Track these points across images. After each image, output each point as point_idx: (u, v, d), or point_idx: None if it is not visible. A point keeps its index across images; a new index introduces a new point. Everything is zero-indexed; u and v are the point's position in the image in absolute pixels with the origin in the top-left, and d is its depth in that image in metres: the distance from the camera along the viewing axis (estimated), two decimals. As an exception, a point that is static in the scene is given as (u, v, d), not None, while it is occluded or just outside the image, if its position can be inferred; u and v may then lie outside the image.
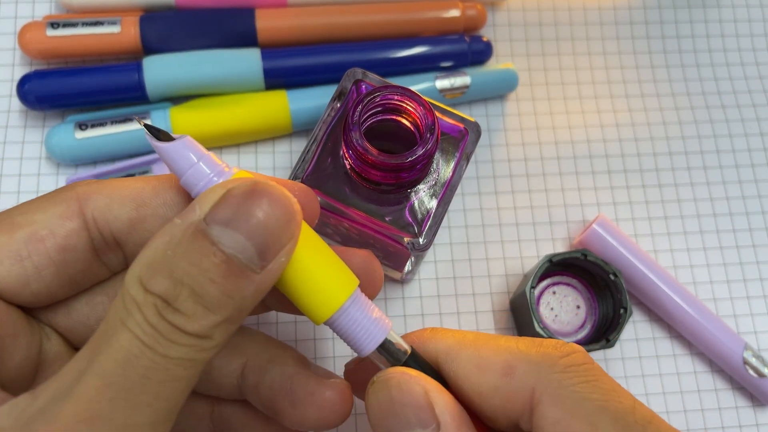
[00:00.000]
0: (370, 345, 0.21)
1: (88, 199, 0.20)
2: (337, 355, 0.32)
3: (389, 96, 0.25)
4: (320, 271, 0.20)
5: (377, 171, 0.25)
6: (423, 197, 0.27)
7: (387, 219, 0.26)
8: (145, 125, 0.19)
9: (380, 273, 0.23)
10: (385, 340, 0.21)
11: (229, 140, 0.34)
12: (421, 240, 0.26)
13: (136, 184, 0.20)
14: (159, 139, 0.19)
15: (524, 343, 0.20)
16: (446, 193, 0.27)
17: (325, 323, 0.21)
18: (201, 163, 0.19)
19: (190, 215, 0.17)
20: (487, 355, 0.20)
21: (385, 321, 0.21)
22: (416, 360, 0.21)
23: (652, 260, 0.33)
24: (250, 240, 0.17)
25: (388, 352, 0.21)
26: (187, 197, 0.20)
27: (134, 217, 0.20)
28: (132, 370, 0.16)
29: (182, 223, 0.17)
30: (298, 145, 0.35)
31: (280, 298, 0.23)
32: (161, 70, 0.33)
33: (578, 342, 0.32)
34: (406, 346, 0.21)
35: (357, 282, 0.21)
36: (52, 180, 0.33)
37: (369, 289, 0.22)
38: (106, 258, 0.21)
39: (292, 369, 0.23)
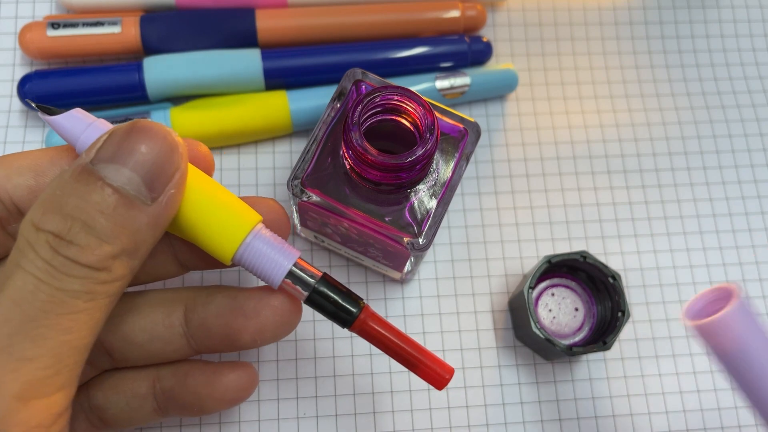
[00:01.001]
0: (278, 274, 0.21)
1: None
2: (337, 356, 0.32)
3: (389, 96, 0.25)
4: (219, 210, 0.21)
5: (377, 171, 0.25)
6: (423, 197, 0.27)
7: (387, 219, 0.26)
8: (37, 105, 0.20)
9: (286, 217, 0.24)
10: (294, 268, 0.22)
11: (229, 140, 0.34)
12: (420, 240, 0.26)
13: (34, 155, 0.22)
14: (51, 114, 0.20)
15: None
16: (446, 193, 0.27)
17: (234, 261, 0.21)
18: (91, 128, 0.20)
19: (77, 161, 0.19)
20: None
21: (291, 250, 0.22)
22: (328, 285, 0.22)
23: None
24: (135, 172, 0.18)
25: (299, 280, 0.22)
26: None
27: (33, 185, 0.21)
28: (28, 306, 0.17)
29: (70, 168, 0.18)
30: (298, 145, 0.35)
31: (195, 253, 0.24)
32: (162, 71, 0.33)
33: (575, 344, 0.32)
34: (317, 272, 0.22)
35: (259, 218, 0.22)
36: (53, 180, 0.33)
37: (278, 232, 0.23)
38: (11, 228, 0.22)
39: (233, 291, 0.24)
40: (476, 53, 0.36)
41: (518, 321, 0.32)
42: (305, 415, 0.31)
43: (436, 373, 0.23)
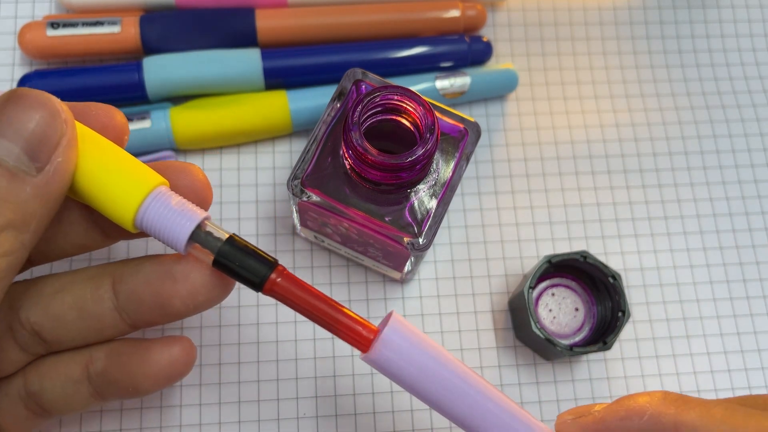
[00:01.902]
0: (181, 237, 0.20)
1: None
2: (337, 355, 0.32)
3: (389, 96, 0.25)
4: (117, 173, 0.20)
5: (377, 171, 0.25)
6: (423, 197, 0.27)
7: (387, 219, 0.26)
8: None
9: (207, 185, 0.23)
10: (199, 230, 0.20)
11: (229, 140, 0.34)
12: (420, 240, 0.26)
13: None
14: None
15: None
16: (446, 193, 0.27)
17: (136, 226, 0.20)
18: None
19: None
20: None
21: (197, 210, 0.21)
22: (235, 246, 0.21)
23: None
24: (14, 142, 0.18)
25: (206, 243, 0.20)
26: None
27: None
28: None
29: None
30: (298, 145, 0.35)
31: (102, 225, 0.23)
32: (161, 70, 0.33)
33: (575, 344, 0.32)
34: (225, 233, 0.21)
35: (161, 180, 0.21)
36: (52, 180, 0.33)
37: (199, 197, 0.22)
38: None
39: (160, 257, 0.23)
40: (476, 53, 0.36)
41: (518, 321, 0.32)
42: (305, 415, 0.31)
43: (358, 335, 0.21)
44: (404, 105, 0.26)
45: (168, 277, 0.22)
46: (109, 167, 0.20)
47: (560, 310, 0.32)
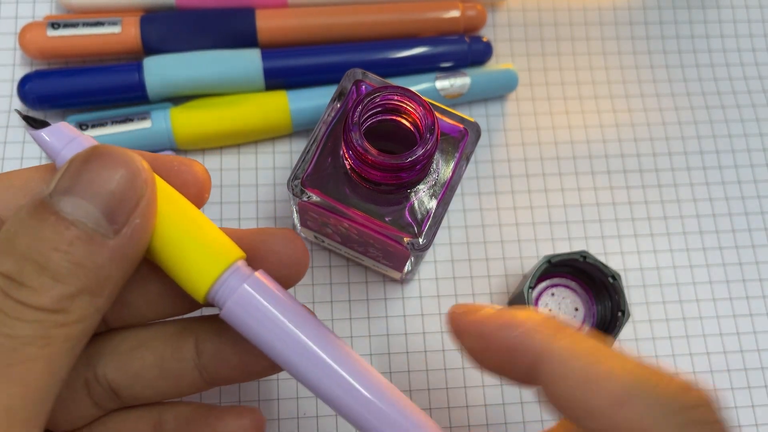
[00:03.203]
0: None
1: None
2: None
3: (389, 96, 0.25)
4: (193, 241, 0.19)
5: (377, 171, 0.25)
6: (423, 197, 0.27)
7: (387, 219, 0.26)
8: (22, 115, 0.19)
9: (304, 254, 0.21)
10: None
11: (229, 140, 0.34)
12: (420, 240, 0.26)
13: (26, 173, 0.20)
14: (35, 127, 0.19)
15: (646, 372, 0.17)
16: (446, 193, 0.27)
17: (209, 300, 0.19)
18: (72, 144, 0.18)
19: (35, 195, 0.17)
20: (602, 373, 0.17)
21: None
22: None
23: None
24: (93, 203, 0.17)
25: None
26: None
27: (22, 203, 0.20)
28: None
29: (28, 202, 0.17)
30: (298, 145, 0.35)
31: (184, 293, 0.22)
32: (162, 71, 0.33)
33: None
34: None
35: (240, 254, 0.20)
36: (53, 180, 0.33)
37: (291, 271, 0.21)
38: None
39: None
40: (476, 53, 0.36)
41: (518, 321, 0.32)
42: (305, 415, 0.31)
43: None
44: (404, 105, 0.26)
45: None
46: (185, 234, 0.19)
47: (560, 310, 0.32)
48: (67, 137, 0.19)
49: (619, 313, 0.30)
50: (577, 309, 0.32)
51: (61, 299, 0.16)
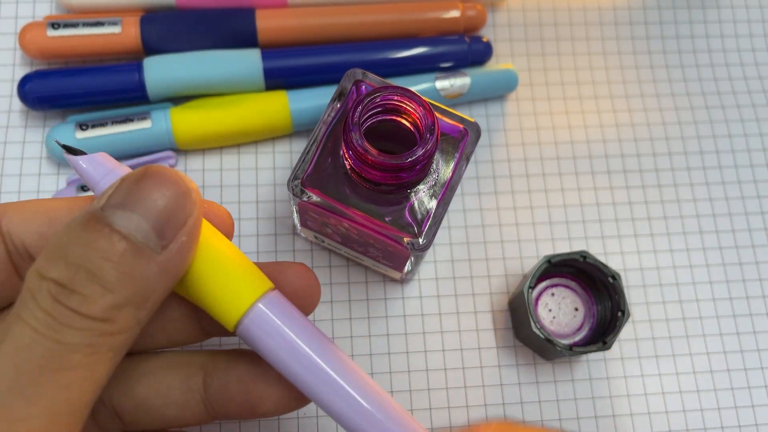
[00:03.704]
0: None
1: (4, 214, 0.20)
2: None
3: (389, 96, 0.25)
4: (227, 270, 0.20)
5: (377, 171, 0.25)
6: (423, 197, 0.27)
7: (387, 219, 0.26)
8: (62, 145, 0.20)
9: (315, 289, 0.22)
10: None
11: (229, 140, 0.34)
12: (420, 240, 0.26)
13: (51, 203, 0.21)
14: (74, 154, 0.20)
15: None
16: (446, 193, 0.27)
17: (238, 330, 0.20)
18: (112, 175, 0.20)
19: (87, 208, 0.18)
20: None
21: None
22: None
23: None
24: (145, 218, 0.17)
25: None
26: None
27: (45, 231, 0.20)
28: (23, 361, 0.16)
29: (80, 215, 0.18)
30: (298, 145, 0.35)
31: (202, 322, 0.23)
32: (162, 71, 0.33)
33: (576, 344, 0.32)
34: None
35: (270, 285, 0.21)
36: (53, 180, 0.33)
37: (305, 303, 0.22)
38: (22, 272, 0.21)
39: (252, 358, 0.22)
40: (476, 53, 0.36)
41: (518, 321, 0.32)
42: (305, 415, 0.31)
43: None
44: (404, 105, 0.26)
45: (263, 379, 0.22)
46: (220, 263, 0.20)
47: (560, 310, 0.32)
48: (105, 167, 0.20)
49: (619, 313, 0.30)
50: (577, 309, 0.32)
51: (110, 309, 0.17)
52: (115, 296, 0.17)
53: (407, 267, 0.30)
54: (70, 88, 0.33)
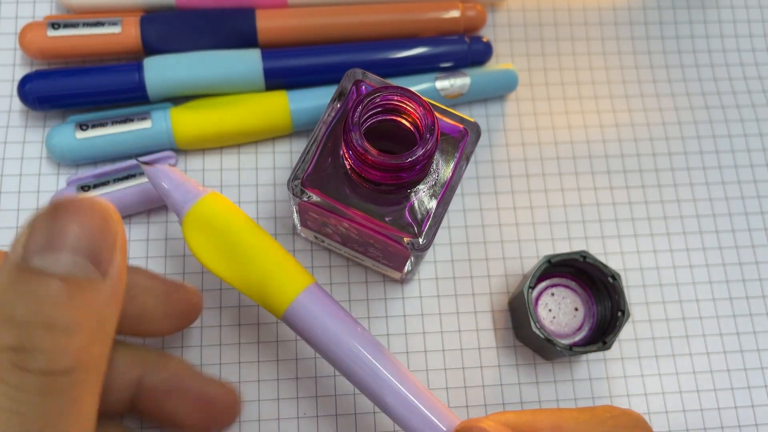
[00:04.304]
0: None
1: None
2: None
3: (389, 96, 0.25)
4: (282, 267, 0.25)
5: (377, 171, 0.25)
6: (423, 197, 0.27)
7: (387, 219, 0.26)
8: (138, 160, 0.23)
9: (233, 411, 0.26)
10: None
11: (230, 140, 0.34)
12: (420, 240, 0.26)
13: None
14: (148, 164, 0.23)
15: (577, 410, 0.22)
16: (446, 193, 0.27)
17: (285, 316, 0.25)
18: (185, 186, 0.25)
19: (7, 260, 0.17)
20: (541, 418, 0.22)
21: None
22: None
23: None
24: (76, 253, 0.17)
25: None
26: None
27: None
28: None
29: (2, 271, 0.17)
30: (298, 145, 0.35)
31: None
32: (162, 71, 0.33)
33: (575, 344, 0.32)
34: None
35: (313, 279, 0.26)
36: (53, 180, 0.33)
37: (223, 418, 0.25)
38: None
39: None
40: (476, 53, 0.36)
41: (518, 321, 0.32)
42: (305, 415, 0.31)
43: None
44: (404, 105, 0.26)
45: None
46: (277, 260, 0.25)
47: (560, 310, 0.32)
48: (175, 182, 0.23)
49: (619, 313, 0.30)
50: (577, 309, 0.32)
51: (80, 351, 0.16)
52: (81, 335, 0.16)
53: (407, 267, 0.30)
54: (70, 88, 0.33)
